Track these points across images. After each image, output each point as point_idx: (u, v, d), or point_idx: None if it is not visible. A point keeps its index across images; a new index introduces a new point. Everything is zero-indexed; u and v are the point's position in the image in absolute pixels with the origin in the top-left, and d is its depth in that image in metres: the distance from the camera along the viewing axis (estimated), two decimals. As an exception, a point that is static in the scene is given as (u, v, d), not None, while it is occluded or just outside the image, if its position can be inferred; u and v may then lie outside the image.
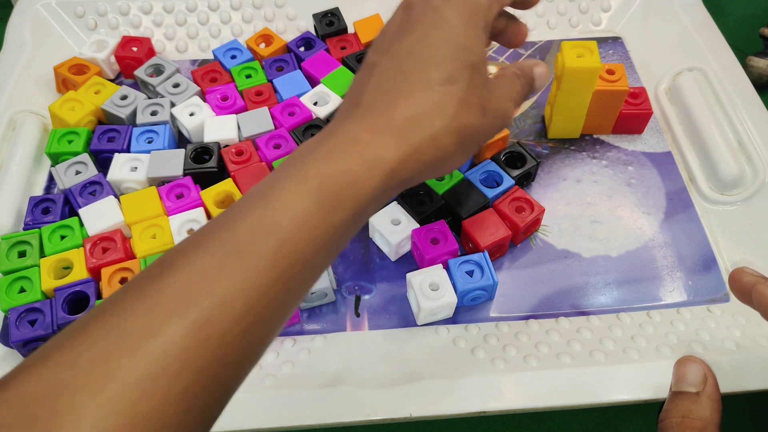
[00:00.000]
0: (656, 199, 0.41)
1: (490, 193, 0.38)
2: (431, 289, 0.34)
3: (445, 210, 0.38)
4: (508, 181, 0.39)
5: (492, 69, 0.49)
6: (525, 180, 0.41)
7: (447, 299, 0.34)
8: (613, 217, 0.40)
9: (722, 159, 0.41)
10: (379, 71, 0.27)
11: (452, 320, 0.36)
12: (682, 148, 0.44)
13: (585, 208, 0.41)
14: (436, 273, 0.35)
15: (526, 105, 0.47)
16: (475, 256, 0.36)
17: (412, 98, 0.26)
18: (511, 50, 0.50)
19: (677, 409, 0.28)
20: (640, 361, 0.32)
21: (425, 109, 0.26)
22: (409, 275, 0.35)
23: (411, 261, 0.38)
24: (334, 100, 0.44)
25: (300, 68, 0.47)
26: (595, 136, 0.45)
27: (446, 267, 0.36)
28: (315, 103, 0.44)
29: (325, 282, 0.35)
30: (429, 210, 0.38)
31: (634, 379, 0.32)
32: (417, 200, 0.38)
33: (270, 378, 0.33)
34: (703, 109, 0.44)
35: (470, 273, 0.35)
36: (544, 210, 0.38)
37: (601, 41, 0.51)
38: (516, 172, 0.40)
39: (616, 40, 0.51)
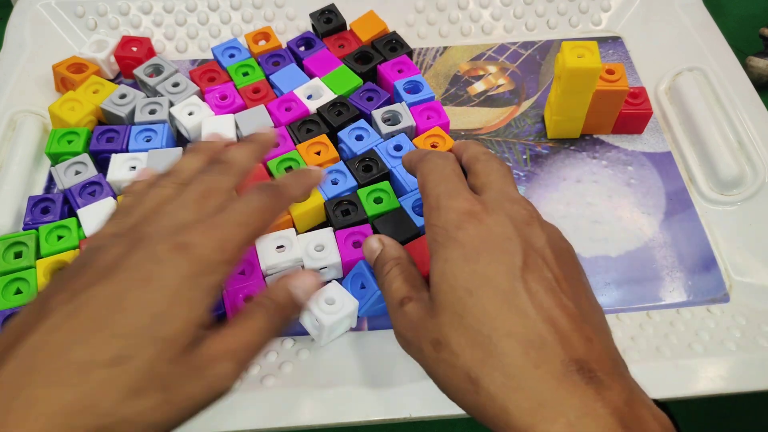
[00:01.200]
0: (656, 199, 0.41)
1: (421, 221, 0.36)
2: (327, 303, 0.32)
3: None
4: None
5: (491, 69, 0.49)
6: None
7: (348, 308, 0.32)
8: (613, 217, 0.40)
9: (722, 159, 0.41)
10: (44, 329, 0.21)
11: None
12: (682, 148, 0.44)
13: (585, 208, 0.41)
14: (327, 288, 0.33)
15: (525, 105, 0.47)
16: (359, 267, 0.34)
17: (59, 386, 0.19)
18: (512, 50, 0.50)
19: (383, 260, 0.30)
20: (640, 361, 0.32)
21: (70, 401, 0.19)
22: None
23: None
24: (327, 94, 0.44)
25: (300, 66, 0.47)
26: (595, 136, 0.45)
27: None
28: (309, 97, 0.44)
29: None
30: (351, 222, 0.37)
31: (635, 379, 0.32)
32: (342, 210, 0.37)
33: (270, 378, 0.32)
34: (703, 109, 0.44)
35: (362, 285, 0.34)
36: None
37: (601, 41, 0.51)
38: None
39: (616, 40, 0.51)
